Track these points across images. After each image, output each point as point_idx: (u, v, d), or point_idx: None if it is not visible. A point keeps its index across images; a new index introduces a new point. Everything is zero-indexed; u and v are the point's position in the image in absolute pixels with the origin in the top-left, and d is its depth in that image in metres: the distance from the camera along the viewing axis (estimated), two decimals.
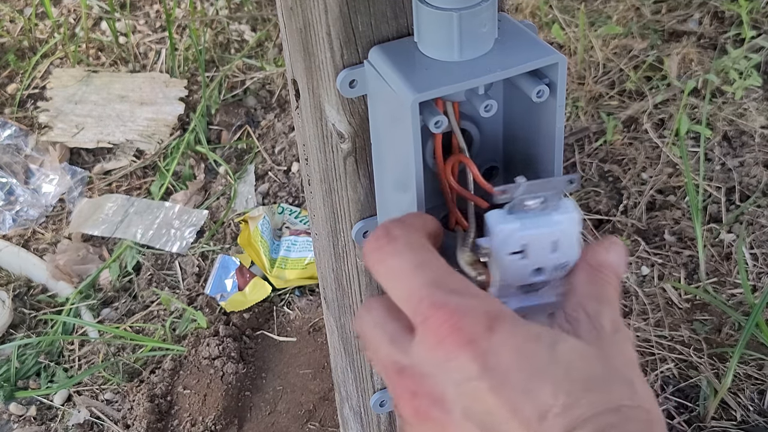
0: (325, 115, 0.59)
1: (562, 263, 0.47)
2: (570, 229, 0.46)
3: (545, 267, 0.47)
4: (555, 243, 0.47)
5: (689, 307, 1.50)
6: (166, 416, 1.42)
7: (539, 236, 0.47)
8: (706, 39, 2.03)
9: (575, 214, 0.47)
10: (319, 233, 0.68)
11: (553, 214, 0.47)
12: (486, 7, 0.50)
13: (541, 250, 0.47)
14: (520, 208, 0.47)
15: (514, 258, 0.47)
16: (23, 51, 2.22)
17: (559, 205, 0.47)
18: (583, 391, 0.38)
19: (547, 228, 0.46)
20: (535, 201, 0.46)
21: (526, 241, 0.47)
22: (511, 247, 0.47)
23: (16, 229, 1.80)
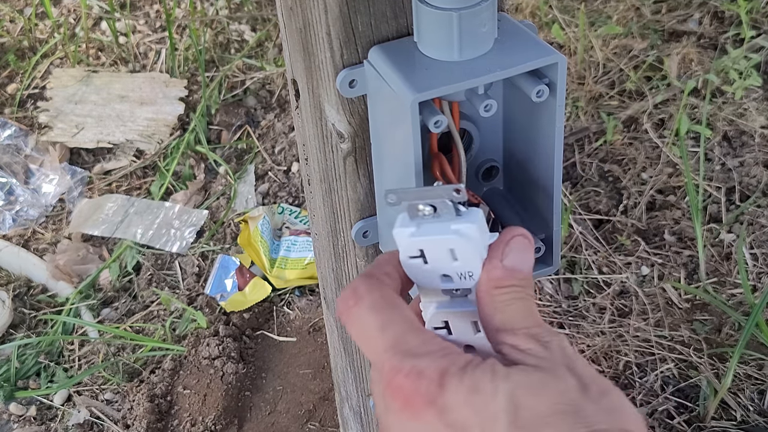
0: (325, 115, 0.59)
1: (467, 271, 0.47)
2: (467, 239, 0.46)
3: (450, 274, 0.47)
4: (453, 251, 0.46)
5: (689, 307, 1.50)
6: (166, 416, 1.42)
7: (433, 243, 0.47)
8: (706, 39, 2.03)
9: (472, 225, 0.46)
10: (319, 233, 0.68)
11: (451, 222, 0.47)
12: (486, 7, 0.50)
13: (440, 257, 0.47)
14: (414, 214, 0.47)
15: (416, 262, 0.47)
16: (23, 51, 2.22)
17: (463, 213, 0.47)
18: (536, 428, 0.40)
19: (440, 235, 0.46)
20: (426, 207, 0.47)
21: (422, 246, 0.47)
22: (409, 251, 0.47)
23: (16, 229, 1.80)
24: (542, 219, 0.59)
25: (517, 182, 0.61)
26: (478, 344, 0.48)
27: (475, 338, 0.48)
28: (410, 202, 0.47)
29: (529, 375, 0.41)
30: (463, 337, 0.49)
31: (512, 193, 0.62)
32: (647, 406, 1.35)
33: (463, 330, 0.48)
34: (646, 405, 1.36)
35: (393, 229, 0.47)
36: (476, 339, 0.48)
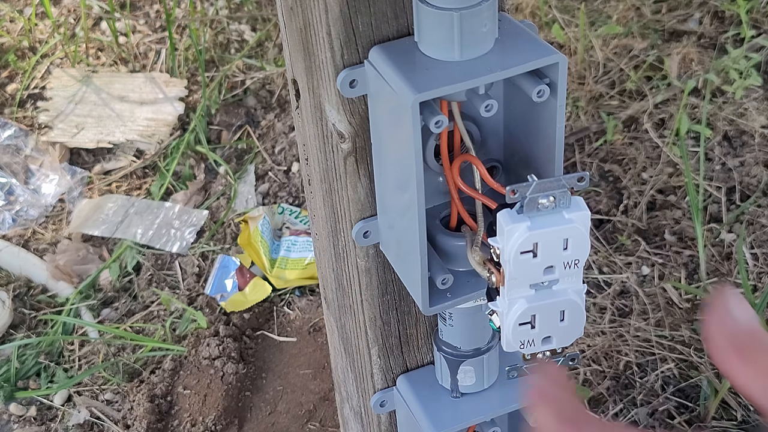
0: (325, 115, 0.59)
1: (573, 260, 0.47)
2: (580, 227, 0.47)
3: (556, 265, 0.47)
4: (566, 241, 0.47)
5: (690, 306, 1.50)
6: (166, 416, 1.42)
7: (550, 235, 0.47)
8: (706, 39, 2.03)
9: (585, 212, 0.47)
10: (319, 233, 0.68)
11: (563, 212, 0.47)
12: (486, 7, 0.50)
13: (552, 249, 0.47)
14: (532, 207, 0.47)
15: (525, 257, 0.47)
16: (23, 51, 2.22)
17: (569, 203, 0.47)
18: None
19: (558, 226, 0.47)
20: (546, 200, 0.47)
21: (537, 240, 0.47)
22: (522, 246, 0.47)
23: (15, 229, 1.80)
24: None
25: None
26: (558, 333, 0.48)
27: (558, 328, 0.48)
28: (531, 195, 0.47)
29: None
30: (545, 329, 0.49)
31: None
32: (648, 406, 1.35)
33: (549, 322, 0.48)
34: (646, 405, 1.36)
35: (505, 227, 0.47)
36: (559, 328, 0.48)
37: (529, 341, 0.50)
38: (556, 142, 0.53)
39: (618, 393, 1.37)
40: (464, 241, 0.58)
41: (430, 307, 0.58)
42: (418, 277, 0.56)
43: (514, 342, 0.50)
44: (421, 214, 0.53)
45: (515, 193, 0.47)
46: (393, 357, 0.72)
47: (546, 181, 0.47)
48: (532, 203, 0.47)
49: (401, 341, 0.72)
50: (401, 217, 0.57)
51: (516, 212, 0.47)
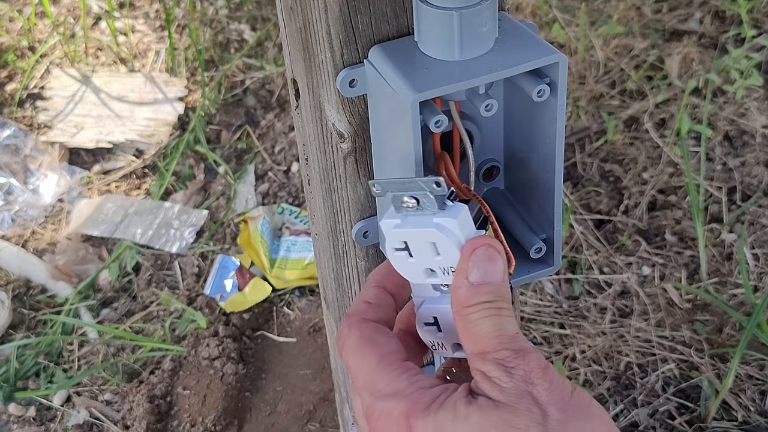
0: (325, 114, 0.58)
1: (449, 266, 0.47)
2: (447, 234, 0.46)
3: (434, 269, 0.47)
4: (435, 245, 0.46)
5: (690, 307, 1.50)
6: (165, 417, 1.42)
7: (415, 235, 0.46)
8: (707, 38, 2.03)
9: (453, 220, 0.46)
10: (319, 233, 0.68)
11: (434, 215, 0.46)
12: (486, 7, 0.49)
13: (423, 251, 0.47)
14: (399, 205, 0.47)
15: (401, 254, 0.47)
16: (22, 51, 2.22)
17: (448, 208, 0.46)
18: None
19: (422, 228, 0.46)
20: (410, 200, 0.46)
21: (405, 239, 0.47)
22: (394, 243, 0.47)
23: (15, 229, 1.80)
24: (543, 219, 0.59)
25: (518, 182, 0.61)
26: None
27: None
28: (394, 193, 0.47)
29: (488, 414, 0.42)
30: (451, 335, 0.48)
31: (513, 193, 0.62)
32: (648, 407, 1.35)
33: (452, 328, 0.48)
34: (647, 405, 1.35)
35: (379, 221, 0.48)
36: None
37: (439, 344, 0.50)
38: (556, 142, 0.53)
39: (619, 393, 1.37)
40: None
41: None
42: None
43: (426, 341, 0.51)
44: None
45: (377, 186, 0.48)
46: None
47: (405, 181, 0.46)
48: (397, 200, 0.47)
49: None
50: None
51: (395, 210, 0.47)
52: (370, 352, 0.47)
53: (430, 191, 0.46)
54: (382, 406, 0.44)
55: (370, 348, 0.47)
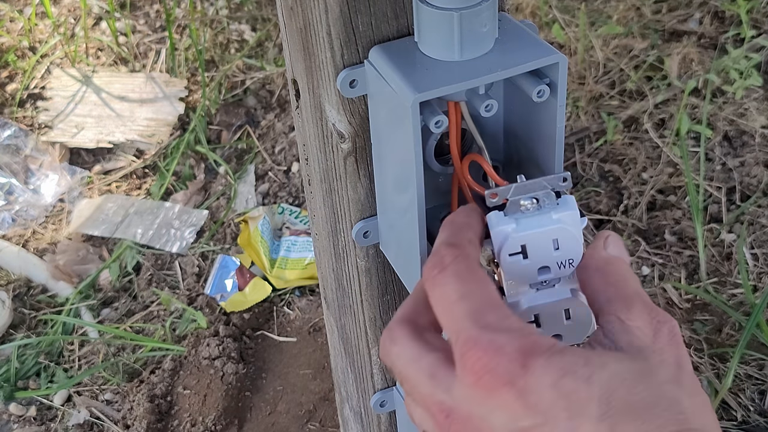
0: (325, 115, 0.59)
1: (567, 260, 0.47)
2: (569, 227, 0.46)
3: (550, 265, 0.47)
4: (556, 241, 0.47)
5: (690, 307, 1.50)
6: (166, 416, 1.42)
7: (537, 236, 0.47)
8: (706, 39, 2.03)
9: (574, 211, 0.46)
10: (320, 233, 0.68)
11: (551, 212, 0.47)
12: (486, 7, 0.50)
13: (542, 249, 0.47)
14: (515, 210, 0.47)
15: (514, 259, 0.47)
16: (23, 51, 2.22)
17: (559, 202, 0.47)
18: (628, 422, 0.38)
19: (544, 227, 0.47)
20: (529, 201, 0.47)
21: (525, 242, 0.47)
22: (510, 249, 0.47)
23: (15, 229, 1.80)
24: None
25: None
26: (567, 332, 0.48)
27: (565, 326, 0.48)
28: (512, 198, 0.47)
29: (626, 365, 0.40)
30: (552, 328, 0.48)
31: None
32: None
33: (554, 321, 0.48)
34: None
35: (491, 229, 0.47)
36: (566, 327, 0.48)
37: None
38: (556, 142, 0.53)
39: None
40: None
41: None
42: (418, 278, 0.56)
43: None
44: (421, 215, 0.53)
45: (496, 196, 0.48)
46: None
47: (527, 183, 0.47)
48: (514, 206, 0.47)
49: None
50: (401, 217, 0.56)
51: (504, 214, 0.47)
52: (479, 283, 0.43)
53: (554, 188, 0.46)
54: (491, 338, 0.40)
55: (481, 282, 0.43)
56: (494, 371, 0.39)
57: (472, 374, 0.40)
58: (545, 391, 0.38)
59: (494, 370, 0.39)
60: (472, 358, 0.40)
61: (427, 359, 0.43)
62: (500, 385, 0.39)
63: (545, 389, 0.38)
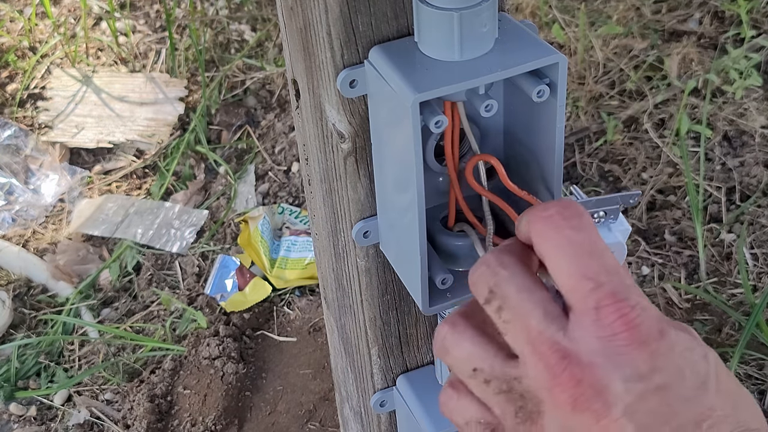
0: (325, 115, 0.59)
1: None
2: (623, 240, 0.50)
3: None
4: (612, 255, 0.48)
5: (689, 307, 1.50)
6: (166, 416, 1.42)
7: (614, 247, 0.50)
8: (706, 39, 2.03)
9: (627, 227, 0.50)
10: (320, 233, 0.68)
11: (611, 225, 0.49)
12: (486, 7, 0.50)
13: None
14: None
15: None
16: (23, 51, 2.22)
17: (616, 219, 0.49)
18: (731, 408, 0.41)
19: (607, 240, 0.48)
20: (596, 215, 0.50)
21: None
22: None
23: (16, 229, 1.80)
24: None
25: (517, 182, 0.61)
26: None
27: None
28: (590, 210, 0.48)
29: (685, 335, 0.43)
30: None
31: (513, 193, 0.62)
32: None
33: None
34: None
35: None
36: None
37: None
38: (556, 142, 0.53)
39: None
40: (464, 242, 0.58)
41: (430, 307, 0.58)
42: (417, 277, 0.56)
43: None
44: (421, 214, 0.53)
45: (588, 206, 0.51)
46: (393, 357, 0.72)
47: (603, 199, 0.48)
48: None
49: (401, 341, 0.72)
50: (401, 217, 0.56)
51: None
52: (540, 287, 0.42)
53: (625, 205, 0.49)
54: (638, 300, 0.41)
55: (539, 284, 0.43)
56: (636, 329, 0.40)
57: (608, 326, 0.40)
58: (674, 359, 0.41)
59: (637, 328, 0.40)
60: (616, 312, 0.40)
61: (542, 294, 0.42)
62: (636, 343, 0.40)
63: (675, 358, 0.41)
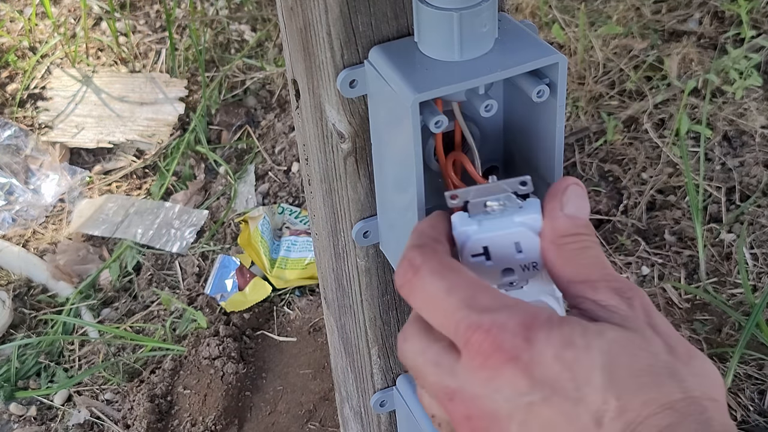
0: (325, 115, 0.59)
1: (531, 263, 0.47)
2: (529, 230, 0.46)
3: (514, 267, 0.47)
4: (518, 244, 0.46)
5: (689, 307, 1.50)
6: (166, 416, 1.42)
7: (499, 238, 0.46)
8: (706, 39, 2.03)
9: (537, 216, 0.46)
10: (320, 233, 0.68)
11: (514, 215, 0.46)
12: (486, 7, 0.50)
13: (504, 252, 0.47)
14: (479, 211, 0.47)
15: (478, 260, 0.47)
16: (23, 51, 2.22)
17: (523, 205, 0.47)
18: (633, 391, 0.38)
19: (506, 229, 0.46)
20: (495, 203, 0.46)
21: (486, 244, 0.47)
22: (472, 250, 0.47)
23: (16, 229, 1.80)
24: None
25: None
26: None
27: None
28: (473, 200, 0.47)
29: (622, 333, 0.40)
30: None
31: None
32: None
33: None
34: None
35: (454, 231, 0.47)
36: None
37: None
38: (556, 142, 0.53)
39: None
40: None
41: None
42: None
43: None
44: (421, 215, 0.53)
45: (456, 197, 0.48)
46: (393, 357, 0.72)
47: (488, 186, 0.47)
48: (478, 207, 0.47)
49: None
50: (401, 217, 0.57)
51: (467, 216, 0.47)
52: (458, 273, 0.43)
53: (515, 191, 0.46)
54: (492, 318, 0.40)
55: (456, 270, 0.43)
56: (501, 348, 0.39)
57: (479, 356, 0.40)
58: (549, 364, 0.39)
59: (501, 347, 0.39)
60: (477, 341, 0.40)
61: (433, 349, 0.43)
62: (506, 362, 0.39)
63: (549, 361, 0.39)
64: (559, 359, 0.39)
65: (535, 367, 0.39)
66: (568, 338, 0.39)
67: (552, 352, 0.39)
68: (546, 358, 0.39)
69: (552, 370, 0.39)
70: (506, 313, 0.40)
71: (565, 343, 0.39)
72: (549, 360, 0.39)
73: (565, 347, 0.39)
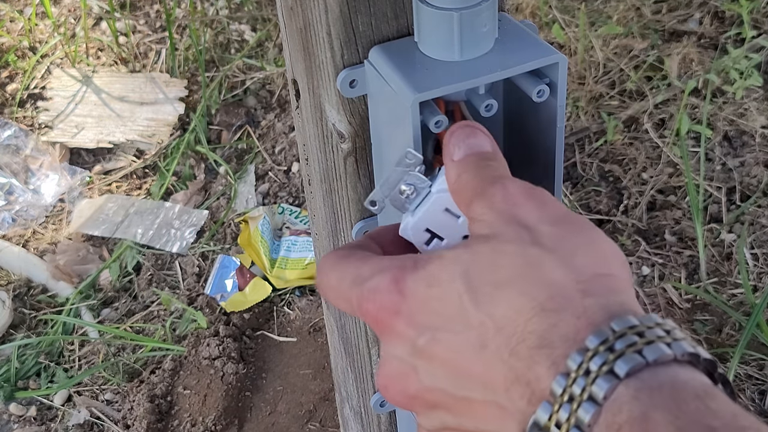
0: (325, 115, 0.59)
1: None
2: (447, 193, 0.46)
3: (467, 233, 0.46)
4: (448, 210, 0.46)
5: (690, 307, 1.50)
6: (166, 416, 1.42)
7: (429, 214, 0.46)
8: (706, 39, 2.03)
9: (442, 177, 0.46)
10: (320, 233, 0.68)
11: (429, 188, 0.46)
12: (486, 7, 0.50)
13: (444, 223, 0.46)
14: (401, 202, 0.47)
15: (434, 244, 0.47)
16: (23, 51, 2.22)
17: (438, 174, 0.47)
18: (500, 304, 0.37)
19: (429, 202, 0.46)
20: (404, 186, 0.46)
21: (424, 224, 0.47)
22: (420, 238, 0.47)
23: (16, 229, 1.80)
24: None
25: None
26: None
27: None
28: (389, 196, 0.47)
29: (478, 248, 0.39)
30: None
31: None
32: None
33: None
34: None
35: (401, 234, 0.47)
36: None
37: None
38: (556, 142, 0.53)
39: None
40: None
41: None
42: None
43: None
44: None
45: (375, 204, 0.48)
46: None
47: (386, 180, 0.47)
48: (398, 199, 0.47)
49: None
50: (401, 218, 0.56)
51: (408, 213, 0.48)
52: (351, 257, 0.44)
53: (406, 166, 0.46)
54: (369, 285, 0.41)
55: (351, 256, 0.44)
56: (383, 308, 0.40)
57: (374, 323, 0.41)
58: (423, 307, 0.39)
59: (383, 307, 0.40)
60: (367, 310, 0.41)
61: None
62: (392, 319, 0.40)
63: (422, 305, 0.39)
64: (429, 299, 0.39)
65: (415, 315, 0.39)
66: (432, 275, 0.39)
67: (421, 294, 0.39)
68: (419, 302, 0.39)
69: (427, 310, 0.39)
70: (380, 275, 0.41)
71: (429, 281, 0.39)
72: (421, 302, 0.39)
73: (430, 285, 0.39)
